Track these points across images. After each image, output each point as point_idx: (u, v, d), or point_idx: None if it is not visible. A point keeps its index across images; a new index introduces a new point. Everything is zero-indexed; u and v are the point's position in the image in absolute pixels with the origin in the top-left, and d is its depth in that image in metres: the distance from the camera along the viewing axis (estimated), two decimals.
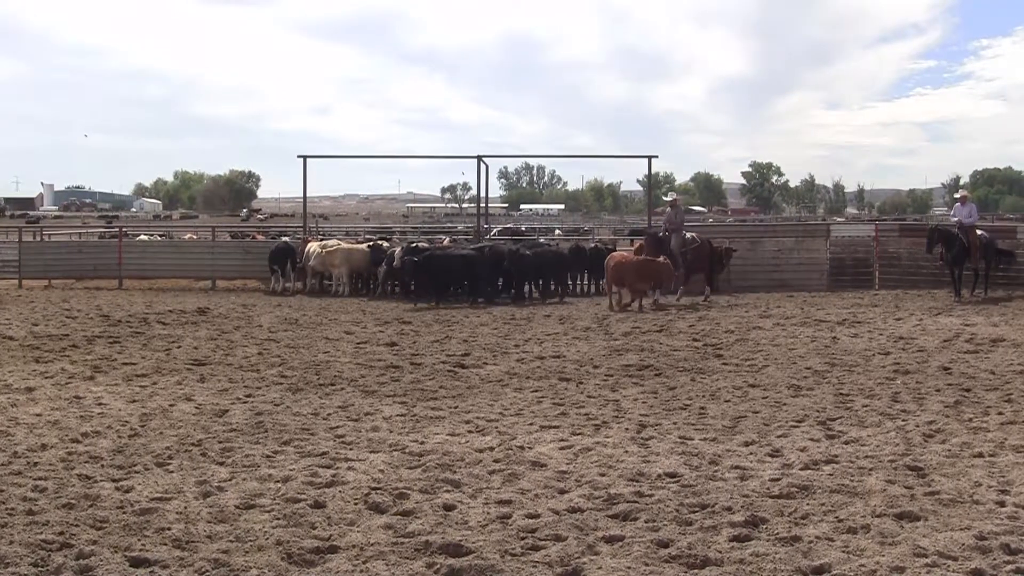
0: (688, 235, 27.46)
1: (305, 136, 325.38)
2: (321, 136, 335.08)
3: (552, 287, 28.26)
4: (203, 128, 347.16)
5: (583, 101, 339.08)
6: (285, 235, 38.92)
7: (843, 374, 14.59)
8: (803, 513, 7.91)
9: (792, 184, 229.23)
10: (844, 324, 20.57)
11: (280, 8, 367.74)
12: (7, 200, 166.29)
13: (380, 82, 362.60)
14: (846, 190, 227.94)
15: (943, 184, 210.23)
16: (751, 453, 9.93)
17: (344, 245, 30.80)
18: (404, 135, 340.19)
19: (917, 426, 11.05)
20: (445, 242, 33.58)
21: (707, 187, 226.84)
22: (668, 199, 26.32)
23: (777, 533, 7.44)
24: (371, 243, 31.41)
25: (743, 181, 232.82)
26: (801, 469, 9.21)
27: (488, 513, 8.01)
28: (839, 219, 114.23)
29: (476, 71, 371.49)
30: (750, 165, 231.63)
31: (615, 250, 28.93)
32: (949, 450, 9.93)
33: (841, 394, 13.02)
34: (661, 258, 24.88)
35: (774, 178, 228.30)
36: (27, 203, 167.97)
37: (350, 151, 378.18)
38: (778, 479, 8.81)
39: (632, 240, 37.39)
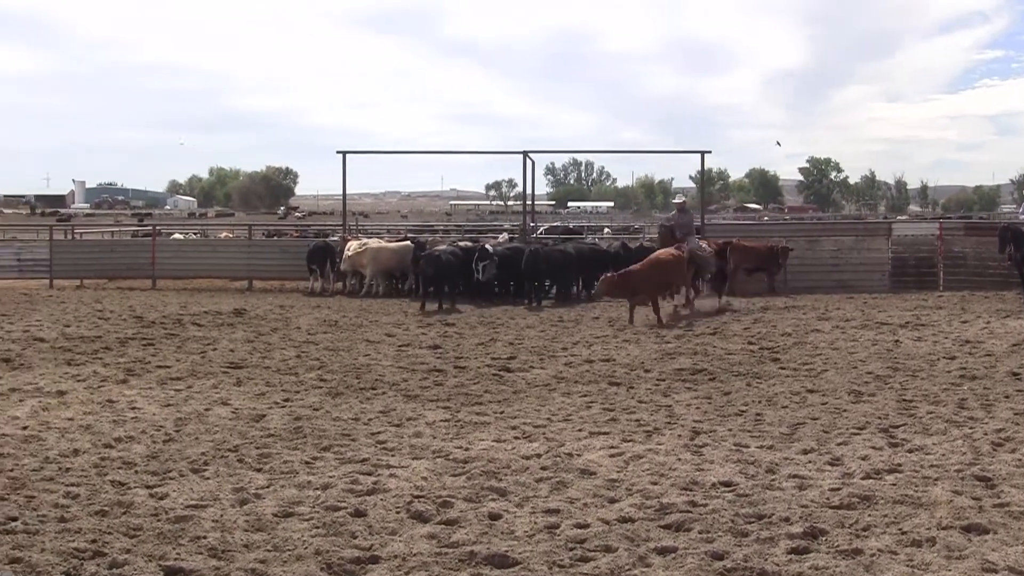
0: (700, 242, 26.81)
1: (344, 131, 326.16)
2: (361, 131, 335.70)
3: (550, 288, 28.63)
4: (239, 123, 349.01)
5: (633, 94, 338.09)
6: (324, 233, 39.08)
7: (906, 379, 14.47)
8: (864, 525, 7.85)
9: (851, 180, 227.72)
10: (907, 327, 20.40)
11: None
12: (38, 198, 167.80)
13: (422, 75, 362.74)
14: (908, 186, 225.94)
15: (1011, 180, 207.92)
16: (810, 461, 9.87)
17: (373, 243, 30.87)
18: (447, 130, 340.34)
19: (985, 434, 10.93)
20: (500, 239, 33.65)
21: (763, 184, 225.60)
22: (676, 201, 25.90)
23: (837, 546, 7.39)
24: (411, 241, 31.50)
25: (800, 177, 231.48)
26: (862, 478, 9.14)
27: (535, 523, 8.01)
28: (901, 217, 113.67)
29: (521, 63, 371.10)
30: (807, 161, 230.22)
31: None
32: (1019, 459, 9.81)
33: (904, 400, 12.91)
34: (671, 252, 23.45)
35: (832, 174, 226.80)
36: (58, 201, 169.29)
37: (391, 146, 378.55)
38: (838, 489, 8.75)
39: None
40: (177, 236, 42.64)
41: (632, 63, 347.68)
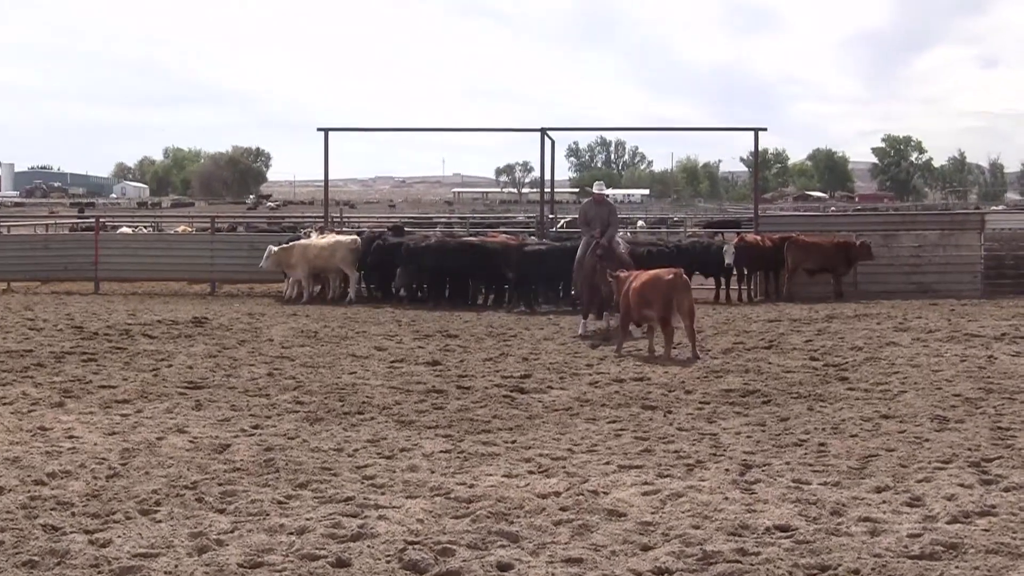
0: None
1: (326, 105, 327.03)
2: (346, 105, 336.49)
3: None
4: (200, 96, 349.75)
5: (673, 62, 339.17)
6: (303, 227, 39.12)
7: (1002, 403, 14.42)
8: None
9: (936, 163, 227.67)
10: (1003, 340, 20.35)
11: None
12: None
13: (422, 39, 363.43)
14: (1006, 170, 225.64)
15: None
16: (884, 502, 9.84)
17: (317, 240, 31.09)
18: (451, 104, 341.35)
19: None
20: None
21: (828, 167, 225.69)
22: (596, 191, 24.96)
23: None
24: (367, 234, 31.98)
25: (874, 160, 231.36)
26: (948, 523, 9.11)
27: (553, 574, 8.00)
28: (997, 207, 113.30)
29: (542, 25, 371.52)
30: (883, 140, 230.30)
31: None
32: None
33: (999, 428, 12.86)
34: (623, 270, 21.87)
35: (913, 156, 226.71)
36: None
37: (383, 123, 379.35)
38: (919, 535, 8.72)
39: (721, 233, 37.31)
40: (125, 230, 42.73)
41: (673, 25, 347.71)
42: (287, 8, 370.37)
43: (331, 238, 31.11)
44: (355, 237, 31.05)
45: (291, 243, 30.55)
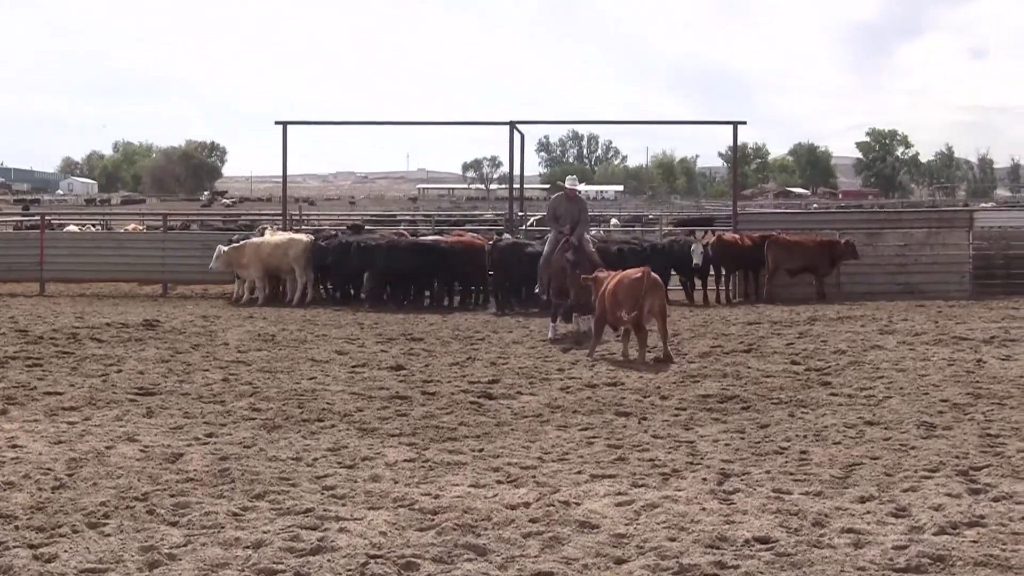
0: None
1: (285, 97, 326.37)
2: (306, 98, 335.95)
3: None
4: (151, 87, 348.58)
5: (649, 52, 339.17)
6: (261, 225, 39.02)
7: (991, 409, 14.49)
8: None
9: (923, 158, 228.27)
10: (992, 343, 20.47)
11: None
12: None
13: (385, 28, 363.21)
14: (995, 166, 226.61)
15: None
16: (868, 512, 9.86)
17: (269, 238, 31.09)
18: (416, 96, 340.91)
19: None
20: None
21: (811, 163, 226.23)
22: (568, 186, 24.63)
23: None
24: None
25: (858, 155, 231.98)
26: (935, 534, 9.14)
27: None
28: (986, 204, 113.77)
29: (512, 12, 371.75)
30: (867, 134, 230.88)
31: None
32: None
33: (988, 435, 12.92)
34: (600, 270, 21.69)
35: (899, 150, 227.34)
36: None
37: (344, 116, 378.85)
38: (905, 547, 8.75)
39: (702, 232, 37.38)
40: (72, 228, 42.59)
41: (648, 14, 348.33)
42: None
43: (284, 236, 31.08)
44: (310, 235, 31.07)
45: (242, 242, 30.47)
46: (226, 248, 29.85)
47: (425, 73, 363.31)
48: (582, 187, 24.38)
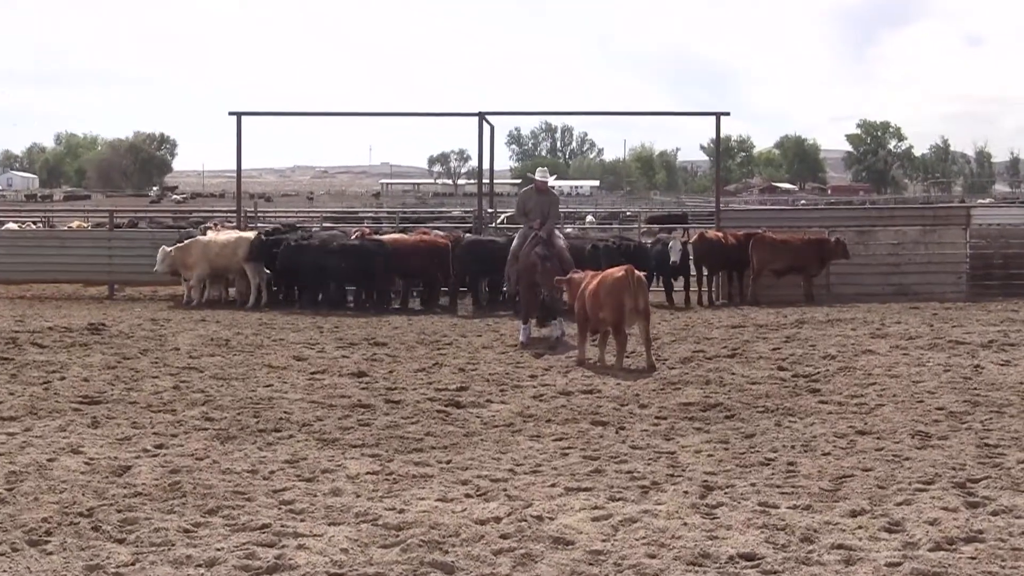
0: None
1: (240, 87, 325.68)
2: (263, 88, 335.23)
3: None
4: (97, 76, 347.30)
5: (627, 40, 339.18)
6: (204, 224, 38.91)
7: (989, 417, 14.54)
8: None
9: (917, 152, 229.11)
10: (991, 347, 20.52)
11: None
12: None
13: (347, 15, 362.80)
14: (993, 159, 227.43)
15: None
16: (860, 527, 9.89)
17: (216, 236, 31.06)
18: (379, 86, 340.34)
19: None
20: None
21: (798, 156, 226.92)
22: (539, 178, 24.50)
23: None
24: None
25: (848, 148, 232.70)
26: (931, 550, 9.17)
27: None
28: (984, 200, 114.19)
29: None
30: (858, 126, 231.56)
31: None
32: None
33: (987, 445, 12.97)
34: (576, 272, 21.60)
35: (891, 143, 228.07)
36: None
37: (303, 107, 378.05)
38: (898, 564, 8.78)
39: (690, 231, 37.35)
40: (11, 226, 42.30)
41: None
42: None
43: (232, 234, 31.00)
44: (258, 233, 31.03)
45: (187, 241, 30.36)
46: (170, 249, 29.73)
47: (389, 62, 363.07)
48: (551, 180, 24.18)
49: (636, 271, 19.20)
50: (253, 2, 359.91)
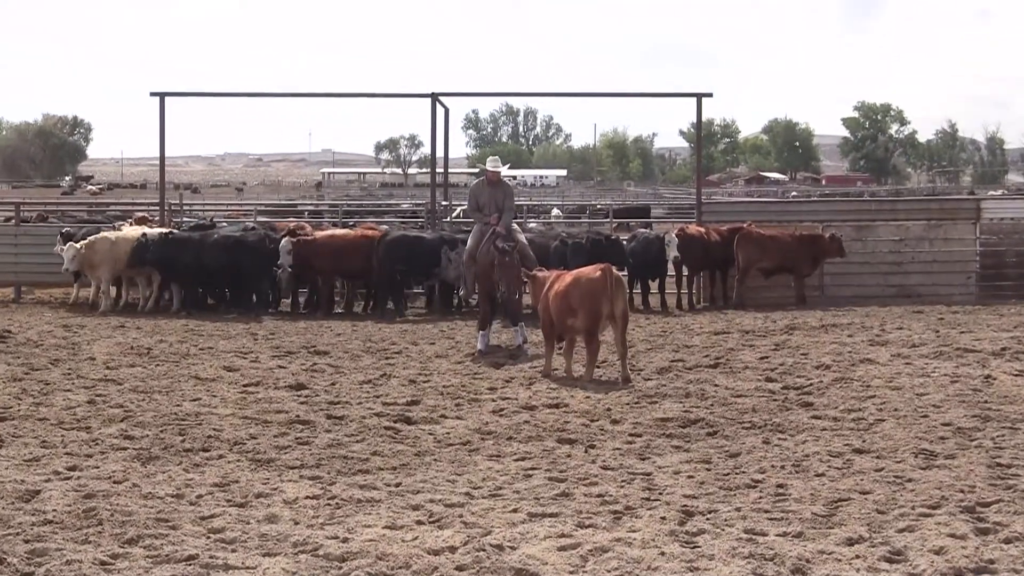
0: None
1: (163, 66, 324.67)
2: (189, 65, 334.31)
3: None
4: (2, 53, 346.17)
5: (597, 12, 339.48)
6: (130, 217, 38.80)
7: (1001, 434, 14.61)
8: None
9: (921, 137, 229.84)
10: (1003, 356, 20.61)
11: None
12: None
13: None
14: (1006, 146, 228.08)
15: None
16: (857, 556, 9.93)
17: (127, 232, 30.99)
18: (320, 65, 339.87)
19: None
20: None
21: (789, 143, 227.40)
22: (491, 168, 24.32)
23: None
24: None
25: (845, 133, 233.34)
26: None
27: None
28: (995, 191, 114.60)
29: None
30: (855, 108, 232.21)
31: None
32: None
33: (998, 464, 13.03)
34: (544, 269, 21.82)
35: (893, 128, 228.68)
36: None
37: (234, 87, 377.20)
38: None
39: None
40: None
41: None
42: None
43: (139, 230, 30.86)
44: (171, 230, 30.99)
45: (91, 238, 30.16)
46: (79, 246, 29.55)
47: (331, 37, 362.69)
48: (517, 172, 24.29)
49: (614, 270, 19.12)
50: None
